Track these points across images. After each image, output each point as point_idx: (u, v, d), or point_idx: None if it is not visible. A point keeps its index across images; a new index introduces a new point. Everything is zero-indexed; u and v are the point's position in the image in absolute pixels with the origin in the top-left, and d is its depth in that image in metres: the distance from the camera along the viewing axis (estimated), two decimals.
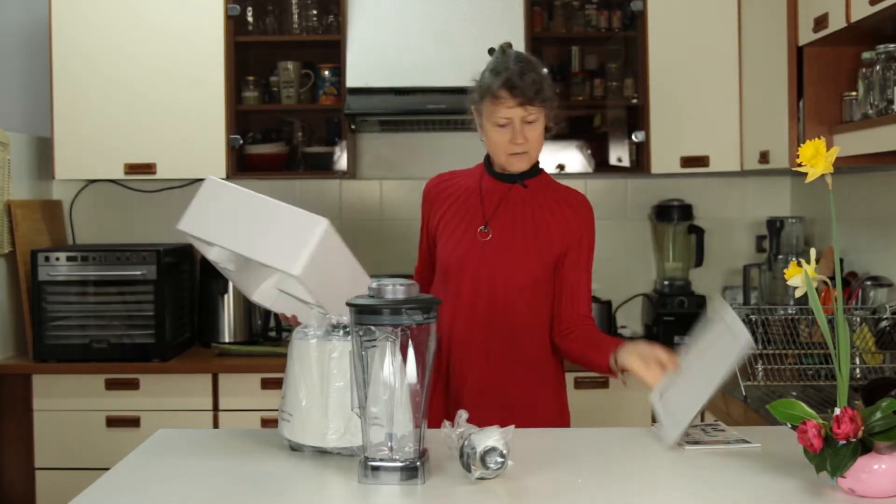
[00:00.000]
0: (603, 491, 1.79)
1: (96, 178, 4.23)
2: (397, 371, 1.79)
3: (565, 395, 2.58)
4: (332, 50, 4.02)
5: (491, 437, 1.79)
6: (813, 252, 1.86)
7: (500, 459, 1.78)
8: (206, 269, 4.13)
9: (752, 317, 3.09)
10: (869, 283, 3.34)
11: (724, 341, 2.01)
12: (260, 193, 2.15)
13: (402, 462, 1.80)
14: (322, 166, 4.15)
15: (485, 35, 3.89)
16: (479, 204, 2.50)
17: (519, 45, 3.90)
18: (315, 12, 4.09)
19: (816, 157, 1.73)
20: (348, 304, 1.83)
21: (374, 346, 1.80)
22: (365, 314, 1.80)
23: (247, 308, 4.05)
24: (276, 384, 3.50)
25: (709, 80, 3.91)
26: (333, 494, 1.82)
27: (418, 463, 1.80)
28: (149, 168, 3.97)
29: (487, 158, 2.54)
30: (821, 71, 3.14)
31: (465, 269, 2.46)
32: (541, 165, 2.54)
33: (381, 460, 1.81)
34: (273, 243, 2.08)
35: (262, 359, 3.80)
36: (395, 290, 1.82)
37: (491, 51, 2.53)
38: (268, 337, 4.14)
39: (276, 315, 3.49)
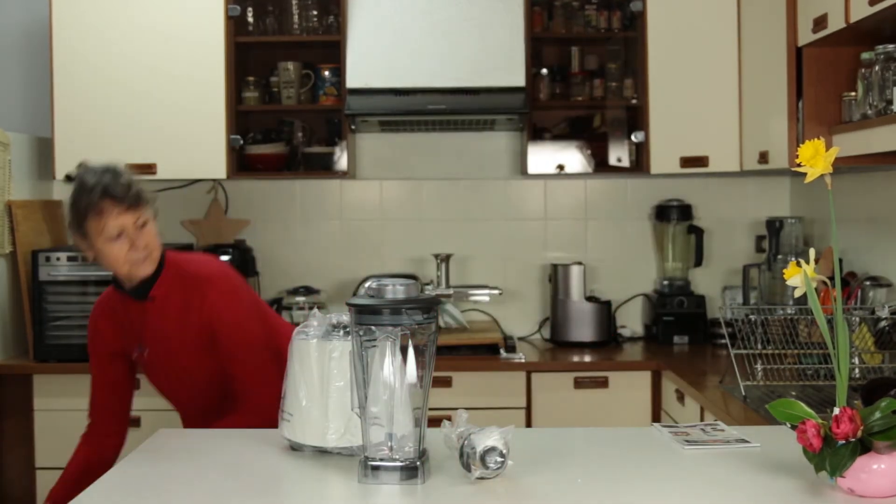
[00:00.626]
0: (602, 491, 1.79)
1: None
2: (397, 371, 1.80)
3: None
4: (332, 50, 4.02)
5: (491, 437, 1.79)
6: (812, 252, 1.86)
7: (499, 459, 1.78)
8: None
9: (751, 317, 3.09)
10: (868, 283, 3.34)
11: None
12: None
13: (401, 462, 1.80)
14: (322, 166, 4.15)
15: (485, 35, 3.90)
16: (128, 328, 2.51)
17: (519, 46, 3.93)
18: (315, 12, 4.09)
19: (816, 158, 1.73)
20: (348, 304, 1.83)
21: (374, 346, 1.80)
22: (365, 314, 1.80)
23: None
24: None
25: (708, 81, 3.91)
26: (333, 494, 1.83)
27: (418, 463, 1.80)
28: (149, 168, 3.97)
29: (115, 282, 2.52)
30: (820, 71, 3.14)
31: (160, 384, 2.60)
32: (164, 254, 2.49)
33: (381, 460, 1.81)
34: None
35: None
36: (395, 289, 1.82)
37: (67, 178, 2.51)
38: None
39: None
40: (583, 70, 4.19)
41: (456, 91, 3.88)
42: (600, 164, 4.11)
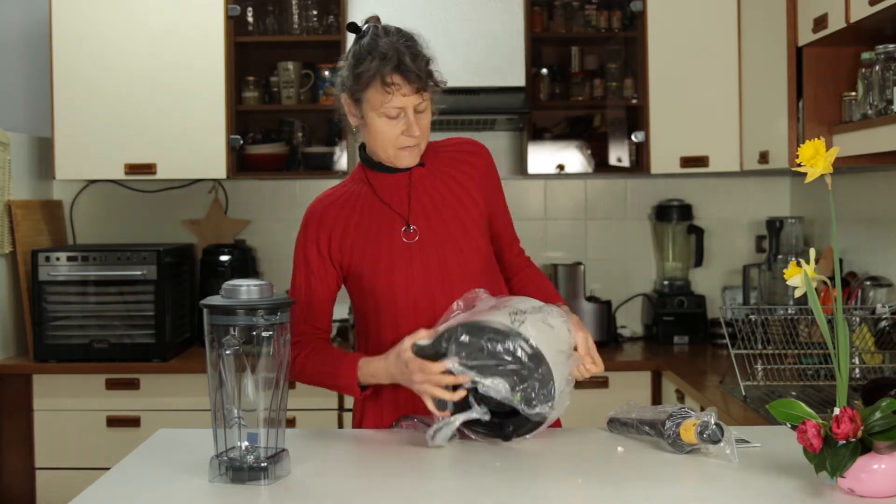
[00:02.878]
0: (602, 491, 1.79)
1: (96, 179, 4.23)
2: (250, 370, 1.82)
3: None
4: (332, 50, 4.02)
5: (701, 416, 1.91)
6: (812, 252, 1.86)
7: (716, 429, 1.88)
8: (206, 269, 4.14)
9: (751, 317, 3.09)
10: (868, 283, 3.34)
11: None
12: None
13: (254, 462, 1.81)
14: (322, 166, 4.15)
15: (485, 35, 3.90)
16: (385, 207, 2.18)
17: (519, 45, 3.93)
18: (315, 12, 4.09)
19: (816, 158, 1.73)
20: (202, 305, 1.84)
21: (228, 348, 1.81)
22: (217, 315, 1.81)
23: None
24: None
25: (709, 80, 3.92)
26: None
27: (265, 463, 1.81)
28: (149, 168, 3.97)
29: (365, 158, 2.24)
30: (820, 71, 3.14)
31: (410, 282, 2.14)
32: None
33: (235, 459, 1.82)
34: None
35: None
36: (249, 290, 1.83)
37: (352, 26, 2.25)
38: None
39: None
40: (583, 70, 4.18)
41: (456, 91, 3.83)
42: (600, 164, 4.11)
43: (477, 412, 1.96)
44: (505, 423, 2.00)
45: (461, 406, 1.98)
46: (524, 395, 1.91)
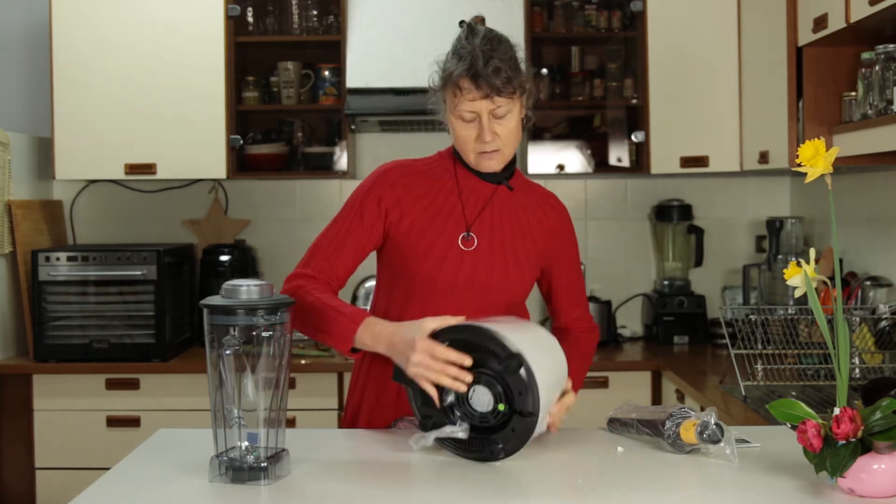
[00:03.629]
0: (603, 491, 1.79)
1: (96, 179, 4.23)
2: (250, 370, 1.82)
3: None
4: (332, 50, 4.02)
5: (701, 416, 1.92)
6: (812, 252, 1.86)
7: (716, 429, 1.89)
8: (206, 269, 4.14)
9: (751, 317, 3.09)
10: (868, 283, 3.34)
11: None
12: None
13: (254, 462, 1.81)
14: (322, 166, 4.15)
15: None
16: (459, 206, 2.17)
17: (519, 45, 3.91)
18: (315, 12, 4.09)
19: (816, 158, 1.73)
20: (202, 305, 1.84)
21: (228, 348, 1.81)
22: (217, 315, 1.81)
23: None
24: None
25: (709, 80, 3.91)
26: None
27: (265, 463, 1.81)
28: (149, 168, 3.97)
29: (457, 151, 2.22)
30: (820, 71, 3.14)
31: (452, 283, 2.14)
32: (516, 163, 2.27)
33: (235, 459, 1.82)
34: None
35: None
36: (249, 290, 1.83)
37: (462, 24, 2.25)
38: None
39: None
40: (583, 70, 4.19)
41: None
42: (600, 164, 4.11)
43: (456, 428, 1.91)
44: (491, 440, 1.90)
45: (442, 417, 1.95)
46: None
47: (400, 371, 1.93)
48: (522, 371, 1.84)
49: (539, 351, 1.92)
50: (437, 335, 1.92)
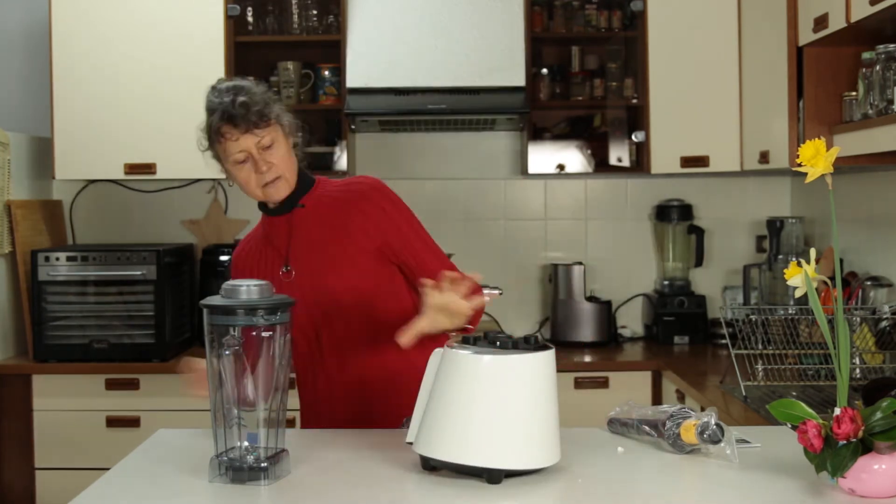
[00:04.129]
0: (602, 491, 1.79)
1: (96, 178, 4.23)
2: (250, 370, 1.81)
3: None
4: (332, 50, 4.02)
5: (702, 416, 1.91)
6: (813, 252, 1.85)
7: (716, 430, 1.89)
8: (206, 269, 4.14)
9: (752, 317, 3.09)
10: (869, 283, 3.34)
11: None
12: None
13: (254, 463, 1.81)
14: (322, 166, 4.14)
15: (485, 35, 3.90)
16: (270, 248, 2.33)
17: (519, 45, 3.93)
18: (315, 12, 4.09)
19: (816, 157, 1.73)
20: (202, 305, 1.84)
21: (228, 348, 1.81)
22: (217, 315, 1.82)
23: None
24: None
25: (709, 80, 3.91)
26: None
27: (265, 464, 1.81)
28: (149, 168, 3.97)
29: (259, 203, 2.37)
30: (821, 71, 3.14)
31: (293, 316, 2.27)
32: (313, 175, 2.38)
33: (235, 460, 1.82)
34: None
35: None
36: (249, 290, 1.83)
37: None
38: None
39: None
40: (583, 70, 4.18)
41: (456, 91, 3.88)
42: (600, 164, 4.11)
43: None
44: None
45: None
46: None
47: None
48: None
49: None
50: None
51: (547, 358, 1.81)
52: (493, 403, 1.77)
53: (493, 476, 1.78)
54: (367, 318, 2.27)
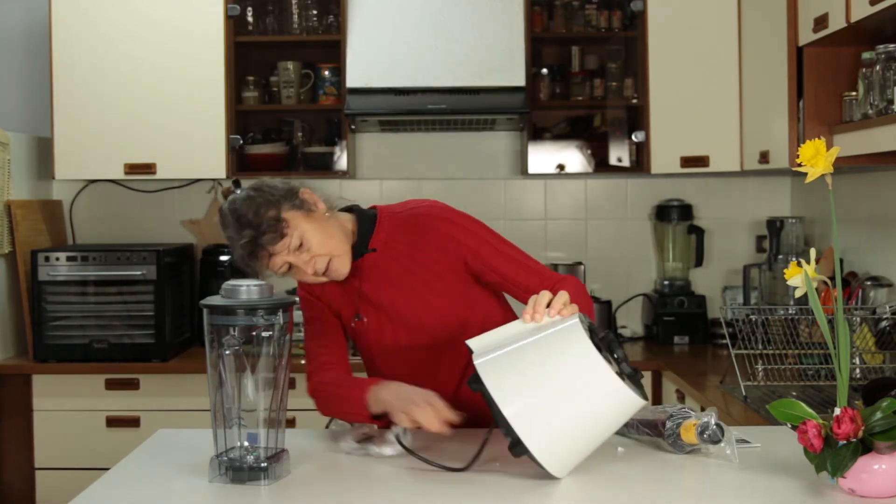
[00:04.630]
0: (602, 491, 1.79)
1: (96, 178, 4.23)
2: (250, 370, 1.82)
3: None
4: (332, 50, 4.02)
5: (702, 416, 1.92)
6: (813, 252, 1.86)
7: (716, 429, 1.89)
8: (206, 269, 4.14)
9: (752, 317, 3.09)
10: (869, 283, 3.34)
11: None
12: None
13: (254, 462, 1.82)
14: (322, 166, 4.15)
15: (485, 35, 3.90)
16: (345, 295, 2.26)
17: (519, 45, 3.92)
18: (315, 12, 4.09)
19: (816, 157, 1.73)
20: (202, 305, 1.84)
21: (228, 348, 1.81)
22: (217, 315, 1.82)
23: None
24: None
25: (709, 80, 3.91)
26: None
27: (265, 464, 1.81)
28: (149, 168, 3.97)
29: None
30: (821, 71, 3.14)
31: (375, 351, 2.28)
32: (367, 208, 2.30)
33: (235, 460, 1.83)
34: None
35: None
36: (249, 290, 1.84)
37: (225, 195, 2.28)
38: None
39: None
40: (583, 70, 4.18)
41: (456, 91, 3.87)
42: (600, 164, 4.11)
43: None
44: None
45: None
46: None
47: (475, 377, 1.85)
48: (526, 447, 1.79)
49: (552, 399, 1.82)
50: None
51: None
52: (593, 418, 1.79)
53: (518, 449, 1.77)
54: (448, 348, 2.21)
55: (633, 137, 4.02)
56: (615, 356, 1.84)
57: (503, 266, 2.23)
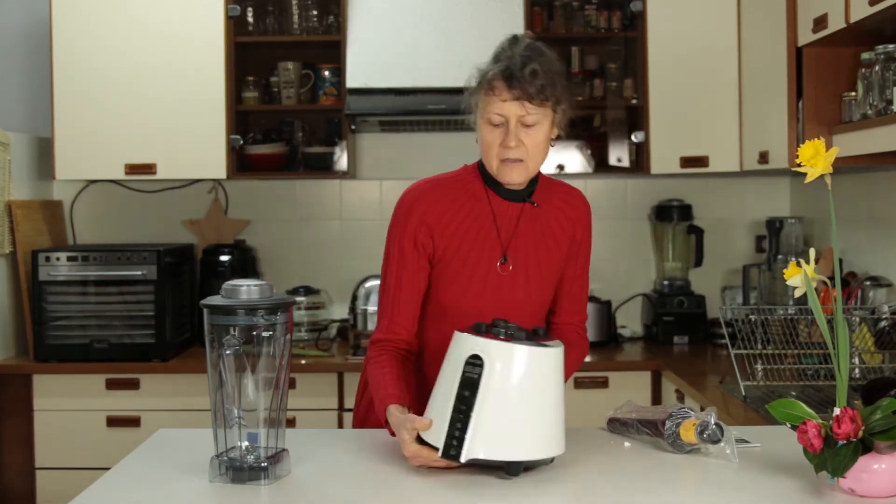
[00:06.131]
0: (602, 491, 1.79)
1: (97, 179, 4.23)
2: (250, 370, 1.82)
3: None
4: (332, 50, 4.02)
5: (701, 416, 1.93)
6: (812, 252, 1.86)
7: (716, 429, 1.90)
8: (206, 269, 4.14)
9: (751, 317, 3.09)
10: (868, 283, 3.34)
11: None
12: None
13: (254, 462, 1.82)
14: (322, 166, 4.15)
15: (485, 35, 3.89)
16: (494, 231, 2.15)
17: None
18: (315, 12, 4.09)
19: (816, 158, 1.73)
20: (202, 305, 1.84)
21: (229, 348, 1.81)
22: (217, 315, 1.82)
23: None
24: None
25: (709, 80, 3.92)
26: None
27: (265, 463, 1.82)
28: (149, 168, 3.97)
29: (485, 174, 2.17)
30: (820, 71, 3.14)
31: (478, 305, 2.13)
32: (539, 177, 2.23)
33: (235, 459, 1.83)
34: None
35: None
36: (249, 290, 1.84)
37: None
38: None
39: None
40: (583, 70, 4.19)
41: (456, 91, 3.82)
42: (600, 164, 4.11)
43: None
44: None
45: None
46: None
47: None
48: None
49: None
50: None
51: (561, 351, 1.85)
52: (500, 393, 1.79)
53: (512, 469, 1.81)
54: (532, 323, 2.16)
55: (632, 138, 4.03)
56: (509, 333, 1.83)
57: (575, 285, 2.25)
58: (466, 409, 1.78)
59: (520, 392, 1.79)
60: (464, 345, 1.83)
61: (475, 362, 1.79)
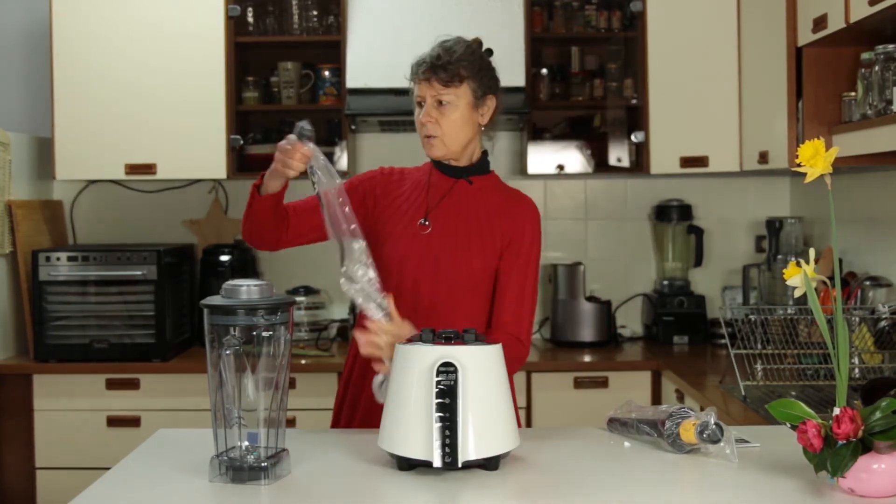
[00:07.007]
0: (602, 490, 1.79)
1: (97, 179, 4.24)
2: (250, 370, 1.82)
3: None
4: (332, 50, 4.02)
5: (701, 416, 1.93)
6: (812, 252, 1.86)
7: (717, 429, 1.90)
8: (206, 269, 4.14)
9: (751, 317, 3.09)
10: (868, 283, 3.34)
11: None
12: None
13: (254, 462, 1.82)
14: None
15: (485, 35, 3.89)
16: (423, 197, 2.38)
17: (519, 46, 3.93)
18: (315, 12, 4.09)
19: (816, 158, 1.73)
20: (202, 305, 1.85)
21: (229, 348, 1.82)
22: (217, 315, 1.82)
23: None
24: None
25: (709, 80, 3.92)
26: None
27: (265, 463, 1.82)
28: (149, 168, 3.97)
29: None
30: (820, 71, 3.14)
31: (406, 262, 2.32)
32: (491, 168, 2.43)
33: (235, 459, 1.83)
34: None
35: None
36: (249, 290, 1.84)
37: (489, 52, 2.44)
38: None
39: None
40: (583, 70, 4.19)
41: None
42: (600, 164, 4.11)
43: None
44: None
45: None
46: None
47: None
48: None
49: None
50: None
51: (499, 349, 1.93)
52: (475, 395, 1.84)
53: (491, 463, 1.85)
54: (468, 305, 2.33)
55: (632, 138, 4.03)
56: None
57: (512, 286, 2.34)
58: (451, 416, 1.81)
59: (487, 390, 1.86)
60: (427, 356, 1.84)
61: (448, 369, 1.82)
